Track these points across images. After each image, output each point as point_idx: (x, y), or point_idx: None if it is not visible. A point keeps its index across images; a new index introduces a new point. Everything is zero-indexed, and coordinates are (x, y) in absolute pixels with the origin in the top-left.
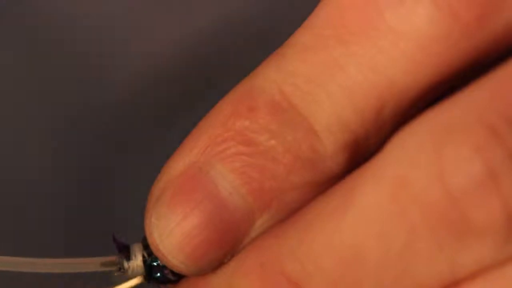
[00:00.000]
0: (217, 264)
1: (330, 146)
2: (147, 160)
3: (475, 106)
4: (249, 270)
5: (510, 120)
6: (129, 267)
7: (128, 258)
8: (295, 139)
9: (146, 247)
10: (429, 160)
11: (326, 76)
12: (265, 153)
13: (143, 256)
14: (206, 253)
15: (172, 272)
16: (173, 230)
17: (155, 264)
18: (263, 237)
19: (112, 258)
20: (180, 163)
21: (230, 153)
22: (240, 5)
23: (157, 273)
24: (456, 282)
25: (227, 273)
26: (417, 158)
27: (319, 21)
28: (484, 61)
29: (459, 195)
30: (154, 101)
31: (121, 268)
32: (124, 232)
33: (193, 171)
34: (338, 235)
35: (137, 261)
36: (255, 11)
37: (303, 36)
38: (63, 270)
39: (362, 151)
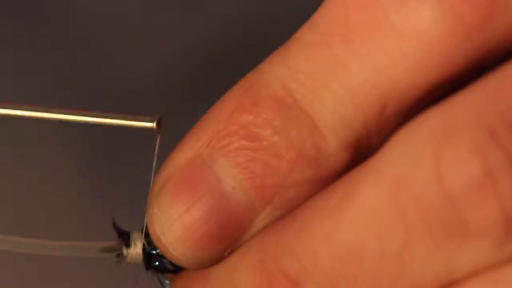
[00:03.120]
0: (217, 258)
1: (333, 143)
2: (151, 151)
3: (474, 107)
4: (249, 265)
5: (508, 122)
6: (128, 254)
7: (128, 245)
8: (298, 136)
9: (146, 235)
10: (428, 160)
11: (329, 74)
12: (268, 148)
13: (143, 244)
14: (206, 246)
15: (171, 262)
16: (174, 222)
17: (154, 252)
18: (263, 233)
19: (112, 244)
20: (183, 156)
21: (233, 148)
22: (246, 5)
23: (156, 262)
24: (453, 283)
25: (227, 268)
26: (416, 158)
27: (323, 19)
28: (487, 62)
29: (457, 196)
30: (161, 98)
31: (120, 255)
32: (125, 219)
33: (196, 164)
34: (337, 233)
35: (136, 249)
36: (263, 10)
37: (308, 34)
38: (62, 253)
39: (364, 150)
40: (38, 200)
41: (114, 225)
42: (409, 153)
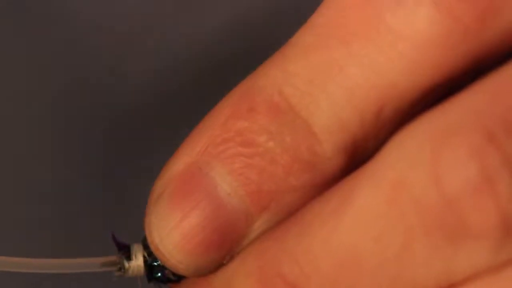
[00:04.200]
0: (216, 265)
1: (329, 147)
2: (149, 158)
3: (473, 109)
4: (247, 272)
5: (507, 124)
6: (129, 267)
7: (129, 258)
8: (294, 141)
9: (146, 247)
10: (426, 163)
11: (326, 77)
12: (264, 154)
13: (144, 256)
14: (204, 253)
15: (173, 272)
16: (172, 230)
17: (155, 264)
18: (262, 239)
19: (113, 258)
20: (180, 163)
21: (229, 154)
22: (251, 5)
23: (157, 273)
24: (452, 285)
25: (226, 275)
26: (414, 161)
27: (320, 21)
28: (485, 63)
29: (455, 199)
30: (162, 101)
31: (121, 268)
32: (125, 232)
33: (192, 171)
34: (335, 237)
35: (137, 261)
36: (267, 11)
37: (304, 36)
38: (63, 271)
39: (361, 153)
40: (37, 213)
41: (114, 238)
42: (407, 156)
